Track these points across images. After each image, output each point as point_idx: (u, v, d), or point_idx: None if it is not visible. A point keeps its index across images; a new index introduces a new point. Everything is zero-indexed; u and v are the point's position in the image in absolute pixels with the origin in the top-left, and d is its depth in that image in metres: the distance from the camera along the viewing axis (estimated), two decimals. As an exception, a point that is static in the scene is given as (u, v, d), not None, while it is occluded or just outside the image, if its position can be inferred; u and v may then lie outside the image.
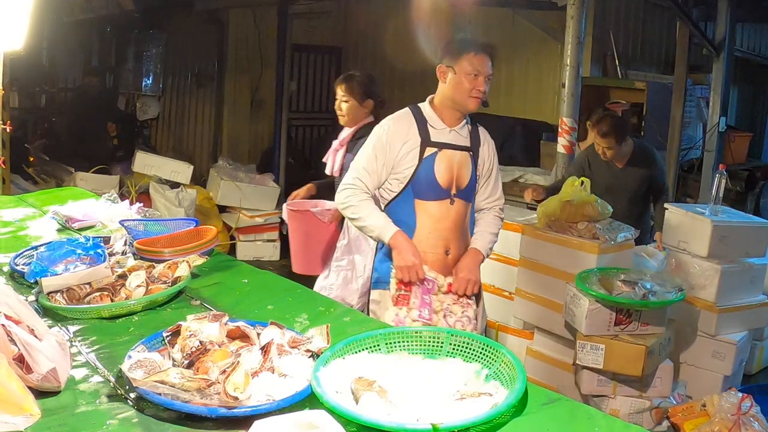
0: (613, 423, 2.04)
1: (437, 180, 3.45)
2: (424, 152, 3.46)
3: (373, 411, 1.92)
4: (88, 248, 3.21)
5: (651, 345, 4.16)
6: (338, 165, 4.51)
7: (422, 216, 3.50)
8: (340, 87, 4.60)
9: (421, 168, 3.45)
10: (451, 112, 3.52)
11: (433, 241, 3.50)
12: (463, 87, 3.42)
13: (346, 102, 4.57)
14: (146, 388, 2.00)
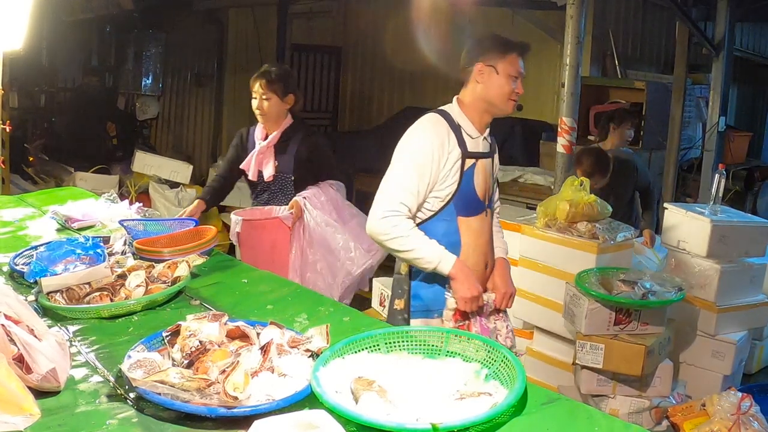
0: (612, 423, 2.04)
1: (477, 193, 3.22)
2: (464, 165, 3.17)
3: (373, 411, 1.91)
4: (88, 248, 3.21)
5: (650, 345, 4.16)
6: (271, 170, 4.39)
7: (466, 233, 3.23)
8: (258, 84, 4.38)
9: (463, 182, 3.16)
10: (483, 115, 3.29)
11: (476, 257, 3.26)
12: (504, 89, 3.21)
13: (268, 100, 4.37)
14: (146, 388, 1.99)
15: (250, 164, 4.45)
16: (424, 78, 10.86)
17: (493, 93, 3.24)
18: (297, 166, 4.43)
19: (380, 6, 10.93)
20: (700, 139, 8.72)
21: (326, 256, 4.35)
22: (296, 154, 4.43)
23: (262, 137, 4.47)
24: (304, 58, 12.02)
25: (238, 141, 4.63)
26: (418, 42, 9.50)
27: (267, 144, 4.40)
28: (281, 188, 4.45)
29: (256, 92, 4.37)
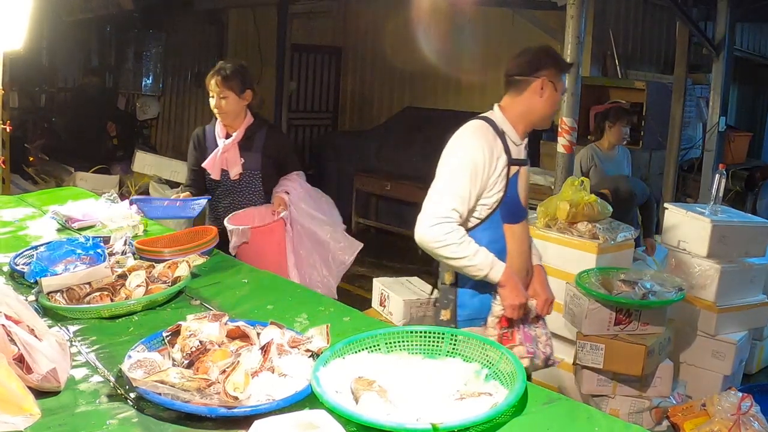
0: (613, 423, 2.03)
1: (520, 200, 3.22)
2: (510, 172, 3.15)
3: (373, 411, 1.92)
4: (88, 248, 3.21)
5: (651, 345, 4.17)
6: (239, 168, 4.26)
7: (511, 240, 3.22)
8: (214, 82, 4.22)
9: (509, 189, 3.15)
10: (527, 126, 3.23)
11: (520, 264, 3.26)
12: (555, 107, 3.22)
13: (225, 98, 4.22)
14: (146, 388, 2.00)
15: (213, 163, 4.30)
16: (424, 78, 10.87)
17: (548, 108, 3.20)
18: (264, 162, 4.34)
19: (380, 6, 10.94)
20: (700, 139, 8.73)
21: (317, 249, 4.31)
22: (263, 151, 4.33)
23: (223, 135, 4.33)
24: (305, 58, 12.04)
25: (195, 143, 4.46)
26: (418, 42, 9.52)
27: (231, 142, 4.27)
28: (249, 186, 4.33)
29: (213, 91, 4.23)
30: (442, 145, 3.30)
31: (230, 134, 4.30)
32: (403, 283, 4.93)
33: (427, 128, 9.92)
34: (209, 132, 4.41)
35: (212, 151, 4.31)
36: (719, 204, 4.95)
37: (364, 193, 9.71)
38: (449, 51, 9.76)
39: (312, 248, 4.28)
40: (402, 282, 4.96)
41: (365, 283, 7.03)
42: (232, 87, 4.21)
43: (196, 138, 4.47)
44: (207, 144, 4.38)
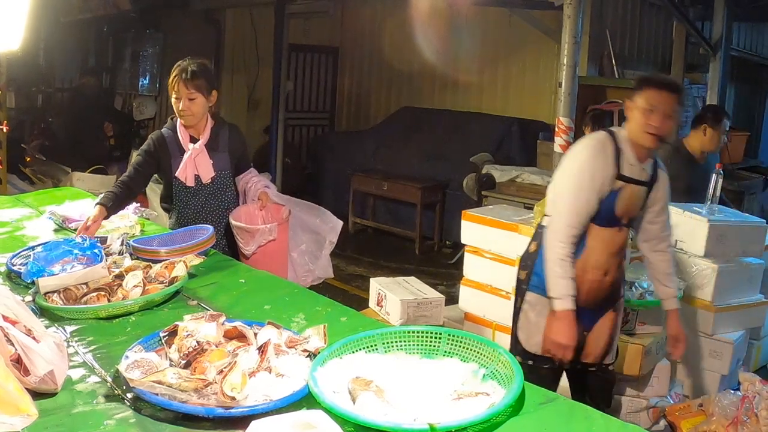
0: (610, 422, 2.04)
1: (615, 211, 3.43)
2: (614, 185, 3.39)
3: (371, 411, 1.92)
4: (85, 248, 3.20)
5: (648, 344, 4.17)
6: (211, 171, 4.09)
7: (593, 240, 3.46)
8: (182, 85, 3.98)
9: (607, 199, 3.40)
10: (635, 147, 3.39)
11: (596, 262, 3.48)
12: (639, 123, 3.33)
13: (193, 99, 3.99)
14: (143, 389, 2.00)
15: (185, 171, 4.08)
16: (421, 78, 10.88)
17: (633, 127, 3.38)
18: (232, 161, 4.19)
19: (377, 6, 10.94)
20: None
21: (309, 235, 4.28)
22: (229, 150, 4.18)
23: (187, 140, 4.10)
24: (302, 58, 12.04)
25: (153, 147, 4.16)
26: (416, 42, 9.52)
27: (200, 145, 4.07)
28: (222, 187, 4.16)
29: (179, 93, 3.99)
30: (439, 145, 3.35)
31: (194, 138, 4.11)
32: (400, 283, 4.92)
33: (424, 128, 9.93)
34: (170, 138, 4.15)
35: (176, 156, 4.10)
36: (716, 203, 4.95)
37: (361, 193, 9.71)
38: (446, 51, 9.77)
39: (302, 234, 4.25)
40: (399, 282, 4.96)
41: (362, 283, 7.05)
42: (200, 88, 4.00)
43: (157, 142, 4.17)
44: (170, 149, 4.13)
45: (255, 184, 4.22)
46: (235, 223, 3.96)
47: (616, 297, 3.62)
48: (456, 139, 9.09)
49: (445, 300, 4.85)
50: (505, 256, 5.09)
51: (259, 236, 3.90)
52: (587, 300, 3.51)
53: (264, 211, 4.13)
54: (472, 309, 5.08)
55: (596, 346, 3.59)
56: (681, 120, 3.43)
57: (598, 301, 3.56)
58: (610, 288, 3.55)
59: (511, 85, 9.83)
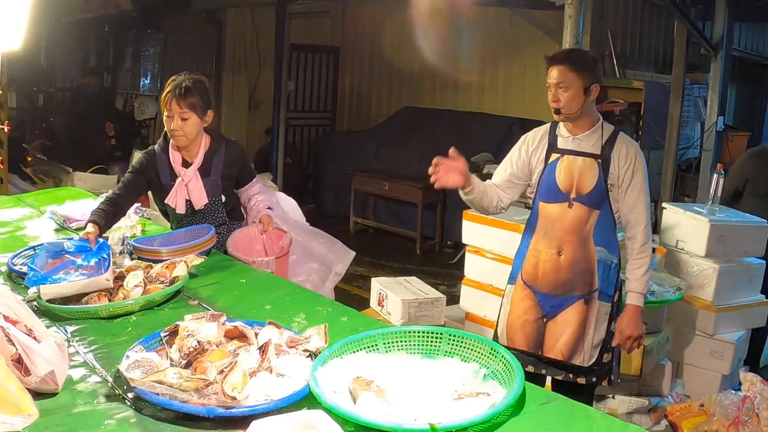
0: (611, 422, 2.04)
1: (558, 184, 3.51)
2: (549, 157, 3.55)
3: (371, 411, 1.92)
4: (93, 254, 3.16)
5: (649, 344, 4.17)
6: (203, 198, 3.84)
7: (541, 217, 3.58)
8: (174, 103, 3.74)
9: (546, 171, 3.55)
10: (565, 122, 3.55)
11: (547, 240, 3.54)
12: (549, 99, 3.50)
13: (186, 119, 3.73)
14: (144, 388, 2.00)
15: (176, 198, 3.84)
16: (422, 78, 10.87)
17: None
18: (225, 185, 3.95)
19: (378, 6, 10.94)
20: (698, 138, 8.75)
21: (311, 261, 4.12)
22: (222, 174, 3.91)
23: (179, 163, 3.87)
24: (303, 58, 12.03)
25: (145, 166, 3.92)
26: (417, 42, 9.52)
27: (192, 171, 3.83)
28: (212, 212, 3.94)
29: (171, 110, 3.75)
30: (440, 145, 3.37)
31: (187, 161, 3.87)
32: (402, 283, 4.92)
33: (425, 128, 9.93)
34: (161, 159, 3.91)
35: (167, 180, 3.88)
36: (717, 204, 4.95)
37: (363, 193, 9.70)
38: (447, 51, 9.76)
39: (306, 262, 4.09)
40: (400, 282, 4.96)
41: (363, 283, 7.05)
42: (193, 106, 3.73)
43: (146, 162, 3.93)
44: (160, 171, 3.90)
45: (258, 204, 4.02)
46: (231, 253, 3.78)
47: (584, 285, 3.50)
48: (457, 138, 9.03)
49: (446, 300, 4.86)
50: (507, 256, 5.08)
51: (255, 267, 3.68)
52: (544, 282, 3.54)
53: (265, 236, 3.95)
54: (473, 309, 5.08)
55: (556, 339, 3.49)
56: (586, 88, 3.39)
57: (559, 285, 3.51)
58: (570, 270, 3.49)
59: (512, 85, 9.83)
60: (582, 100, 3.44)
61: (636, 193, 3.49)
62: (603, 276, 3.50)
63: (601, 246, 3.49)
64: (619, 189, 3.49)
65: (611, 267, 3.52)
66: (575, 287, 3.50)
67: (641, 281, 3.52)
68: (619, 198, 3.49)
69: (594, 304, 3.51)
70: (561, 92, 3.41)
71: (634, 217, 3.51)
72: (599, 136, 3.50)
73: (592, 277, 3.50)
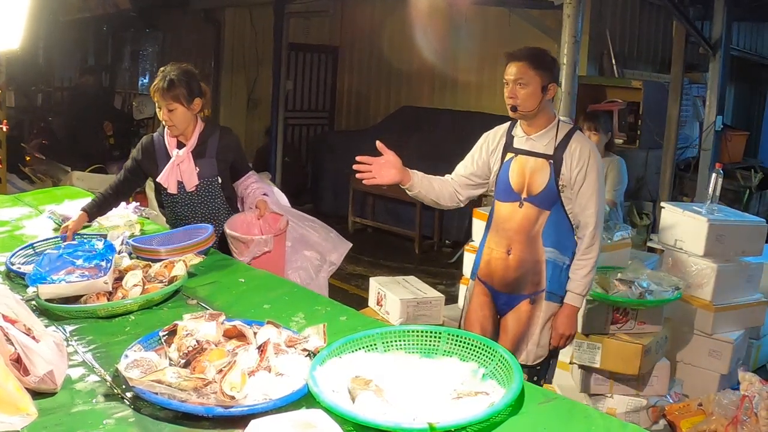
0: (609, 422, 2.04)
1: (511, 184, 3.53)
2: (505, 156, 3.59)
3: (370, 410, 1.92)
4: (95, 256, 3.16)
5: (648, 344, 4.18)
6: (195, 179, 3.99)
7: (495, 215, 3.63)
8: (159, 96, 3.90)
9: (501, 170, 3.58)
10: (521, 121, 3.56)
11: (498, 239, 3.58)
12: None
13: (173, 110, 3.90)
14: (143, 388, 2.00)
15: (168, 177, 4.01)
16: (420, 77, 10.88)
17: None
18: (220, 168, 4.07)
19: (377, 5, 10.94)
20: (696, 138, 8.75)
21: (307, 250, 4.19)
22: (217, 156, 4.05)
23: (173, 146, 4.04)
24: (301, 58, 12.04)
25: (142, 151, 4.15)
26: (415, 41, 9.52)
27: (185, 152, 3.99)
28: (208, 194, 4.06)
29: (159, 102, 3.92)
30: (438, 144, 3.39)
31: (182, 143, 4.03)
32: (400, 282, 4.93)
33: (423, 128, 9.93)
34: (159, 142, 4.11)
35: (163, 162, 4.05)
36: (716, 203, 4.95)
37: (361, 192, 9.70)
38: (446, 50, 9.77)
39: (301, 250, 4.18)
40: (399, 281, 4.96)
41: (362, 282, 7.05)
42: (178, 98, 3.89)
43: (144, 147, 4.16)
44: (157, 155, 4.09)
45: (254, 191, 4.12)
46: (229, 233, 3.84)
47: (531, 285, 3.51)
48: (456, 138, 9.08)
49: (445, 299, 4.86)
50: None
51: (254, 247, 3.80)
52: (495, 279, 3.60)
53: (261, 221, 4.03)
54: (471, 308, 5.07)
55: (505, 337, 3.55)
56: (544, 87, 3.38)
57: (508, 283, 3.55)
58: (518, 269, 3.52)
59: (510, 84, 9.83)
60: (539, 98, 3.42)
61: (588, 194, 3.46)
62: (552, 277, 3.50)
63: (551, 247, 3.48)
64: (572, 190, 3.47)
65: (563, 268, 3.51)
66: (522, 287, 3.53)
67: (582, 282, 3.49)
68: (571, 199, 3.48)
69: (540, 304, 3.52)
70: (519, 89, 3.41)
71: (584, 219, 3.48)
72: (553, 136, 3.49)
73: (540, 277, 3.50)
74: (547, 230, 3.48)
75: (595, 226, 3.47)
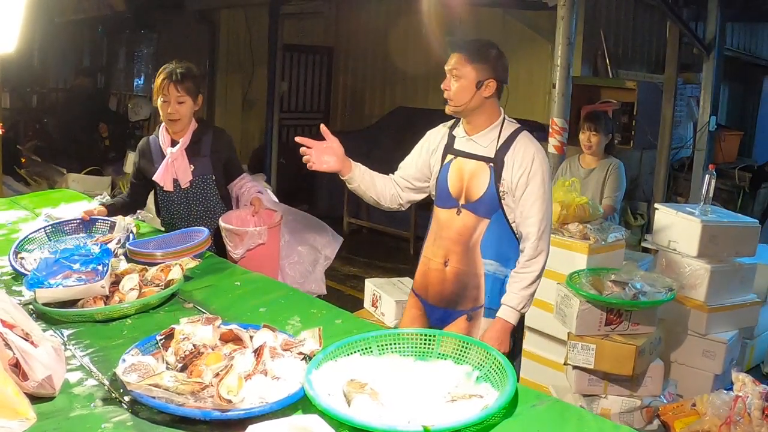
0: (602, 424, 2.06)
1: (448, 187, 3.30)
2: (445, 158, 3.35)
3: (365, 413, 1.94)
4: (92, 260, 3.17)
5: (641, 344, 4.20)
6: (189, 175, 4.07)
7: (434, 222, 3.40)
8: (172, 88, 3.98)
9: (441, 173, 3.34)
10: (464, 120, 3.35)
11: (435, 248, 3.37)
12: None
13: (183, 102, 4.00)
14: (140, 392, 2.02)
15: (163, 175, 4.08)
16: (415, 78, 10.90)
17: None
18: (215, 166, 4.15)
19: (372, 6, 10.97)
20: (691, 138, 8.78)
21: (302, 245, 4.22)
22: (211, 155, 4.13)
23: (168, 144, 4.11)
24: (296, 58, 12.06)
25: (140, 154, 4.25)
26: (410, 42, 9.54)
27: (179, 149, 4.06)
28: (202, 191, 4.13)
29: (168, 96, 3.98)
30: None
31: (176, 141, 4.11)
32: (395, 284, 4.94)
33: (418, 128, 9.88)
34: (154, 143, 4.19)
35: (159, 162, 4.12)
36: (709, 204, 4.98)
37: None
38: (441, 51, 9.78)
39: (296, 246, 4.21)
40: (394, 282, 4.98)
41: (357, 284, 7.07)
42: (189, 91, 4.00)
43: (140, 149, 4.26)
44: (153, 156, 4.17)
45: (248, 190, 4.17)
46: (224, 225, 3.89)
47: (468, 300, 3.31)
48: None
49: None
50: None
51: (248, 239, 3.82)
52: (431, 293, 3.39)
53: (256, 217, 4.05)
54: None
55: None
56: (479, 82, 3.19)
57: (444, 297, 3.34)
58: (456, 282, 3.30)
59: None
60: (471, 93, 3.21)
61: (530, 202, 3.19)
62: (493, 292, 3.26)
63: (491, 259, 3.25)
64: (513, 197, 3.21)
65: (504, 282, 3.26)
66: (459, 302, 3.31)
67: (518, 296, 3.20)
68: (514, 207, 3.23)
69: (478, 321, 3.29)
70: (452, 81, 3.26)
71: (526, 229, 3.21)
72: (495, 137, 3.25)
73: (478, 291, 3.28)
74: (487, 240, 3.24)
75: (538, 236, 3.20)
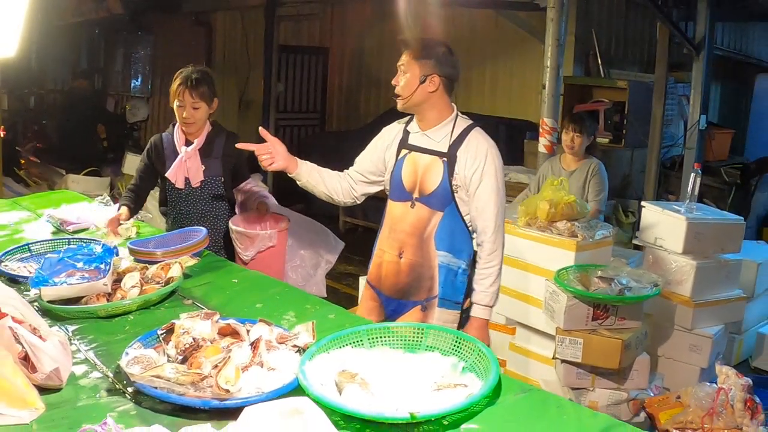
0: (580, 411, 2.16)
1: (402, 181, 3.39)
2: (399, 153, 3.44)
3: (355, 401, 2.03)
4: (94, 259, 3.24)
5: (627, 339, 4.26)
6: (200, 175, 4.17)
7: (387, 215, 3.52)
8: (187, 93, 4.06)
9: (395, 167, 3.43)
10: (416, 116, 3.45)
11: (390, 241, 3.46)
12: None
13: (197, 108, 4.09)
14: (143, 383, 2.12)
15: (176, 172, 4.16)
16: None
17: None
18: (225, 168, 4.24)
19: (366, 7, 11.02)
20: (681, 136, 8.85)
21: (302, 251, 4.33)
22: (223, 158, 4.23)
23: (182, 143, 4.20)
24: (292, 60, 12.10)
25: (152, 152, 4.31)
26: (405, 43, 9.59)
27: (193, 149, 4.15)
28: (211, 192, 4.24)
29: (184, 101, 4.05)
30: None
31: (190, 141, 4.19)
32: (389, 281, 5.01)
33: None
34: (167, 140, 4.26)
35: (171, 160, 4.19)
36: (695, 202, 5.06)
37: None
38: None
39: (298, 250, 4.31)
40: (388, 280, 5.04)
41: (352, 281, 7.16)
42: (204, 96, 4.08)
43: (153, 146, 4.32)
44: (166, 153, 4.24)
45: (255, 193, 4.28)
46: (234, 228, 4.00)
47: (423, 291, 3.38)
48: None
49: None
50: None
51: (258, 242, 3.94)
52: (386, 284, 3.46)
53: (264, 220, 4.18)
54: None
55: None
56: (423, 78, 3.24)
57: (399, 288, 3.42)
58: (410, 274, 3.38)
59: (498, 85, 9.91)
60: (414, 87, 3.27)
61: (485, 197, 3.28)
62: (446, 282, 3.34)
63: (444, 250, 3.32)
64: (467, 192, 3.30)
65: (458, 272, 3.35)
66: (413, 292, 3.39)
67: (488, 293, 3.32)
68: (467, 201, 3.32)
69: (432, 311, 3.37)
70: (400, 76, 3.32)
71: (482, 223, 3.30)
72: (448, 132, 3.33)
73: (432, 282, 3.36)
74: (441, 233, 3.32)
75: (495, 230, 3.30)
